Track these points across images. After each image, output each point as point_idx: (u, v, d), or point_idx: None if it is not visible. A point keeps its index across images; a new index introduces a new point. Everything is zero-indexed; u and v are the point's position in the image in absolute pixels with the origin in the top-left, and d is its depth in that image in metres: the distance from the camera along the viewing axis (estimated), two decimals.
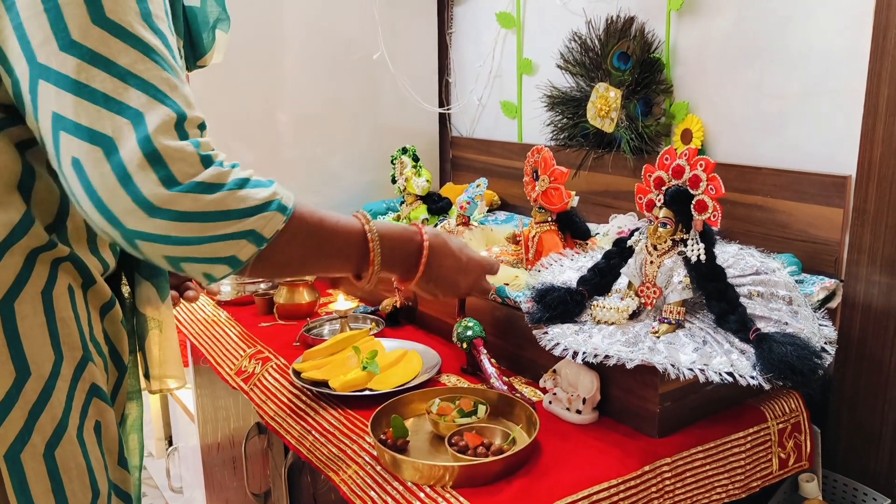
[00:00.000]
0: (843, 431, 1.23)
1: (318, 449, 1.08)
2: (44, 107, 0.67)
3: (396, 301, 1.51)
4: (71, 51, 0.66)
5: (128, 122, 0.66)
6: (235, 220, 0.71)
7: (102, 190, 0.66)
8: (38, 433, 0.74)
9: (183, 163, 0.68)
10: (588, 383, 1.05)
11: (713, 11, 1.41)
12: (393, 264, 0.92)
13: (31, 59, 0.66)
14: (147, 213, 0.67)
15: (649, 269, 1.10)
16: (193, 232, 0.69)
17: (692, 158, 1.04)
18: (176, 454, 2.36)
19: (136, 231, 0.68)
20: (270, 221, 0.73)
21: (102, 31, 0.66)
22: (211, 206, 0.69)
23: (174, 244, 0.69)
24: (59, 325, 0.76)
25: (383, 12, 1.99)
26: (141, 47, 0.68)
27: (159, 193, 0.66)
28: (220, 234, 0.70)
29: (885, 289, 1.15)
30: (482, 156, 2.07)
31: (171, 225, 0.67)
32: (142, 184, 0.66)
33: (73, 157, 0.66)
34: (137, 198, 0.66)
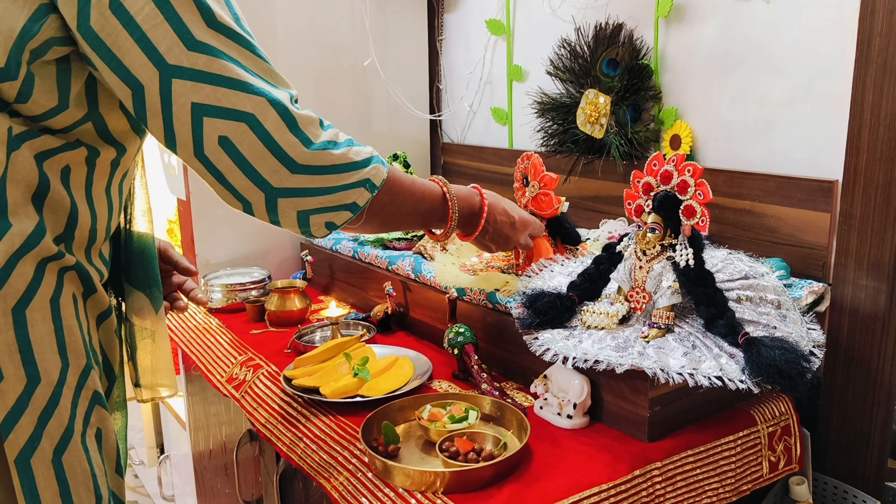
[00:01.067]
0: (833, 434, 1.24)
1: (310, 456, 1.08)
2: (180, 101, 0.76)
3: (388, 307, 1.51)
4: (198, 49, 0.75)
5: (262, 98, 0.79)
6: (356, 170, 0.85)
7: (252, 156, 0.78)
8: (47, 438, 0.76)
9: (312, 126, 0.82)
10: (578, 388, 1.06)
11: (700, 19, 1.42)
12: (462, 221, 1.10)
13: (160, 64, 0.75)
14: (290, 171, 0.80)
15: (638, 275, 1.11)
16: (329, 182, 0.83)
17: (680, 164, 1.05)
18: (167, 462, 2.35)
19: (281, 189, 0.80)
20: (379, 171, 0.89)
21: (217, 33, 0.77)
22: (340, 159, 0.83)
23: (311, 195, 0.82)
24: (65, 332, 0.78)
25: (374, 19, 1.99)
26: (248, 45, 0.80)
27: (301, 152, 0.80)
28: (346, 184, 0.84)
29: (872, 292, 1.16)
30: (473, 162, 2.07)
31: (309, 178, 0.81)
32: (287, 146, 0.79)
33: (221, 135, 0.77)
34: (284, 158, 0.79)
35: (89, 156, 0.82)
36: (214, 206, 1.83)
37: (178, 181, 1.84)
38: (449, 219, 1.05)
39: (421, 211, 1.02)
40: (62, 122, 0.77)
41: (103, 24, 0.73)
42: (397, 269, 1.53)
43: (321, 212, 0.84)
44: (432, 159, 2.23)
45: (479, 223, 1.12)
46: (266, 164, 0.79)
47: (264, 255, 1.91)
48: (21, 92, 0.74)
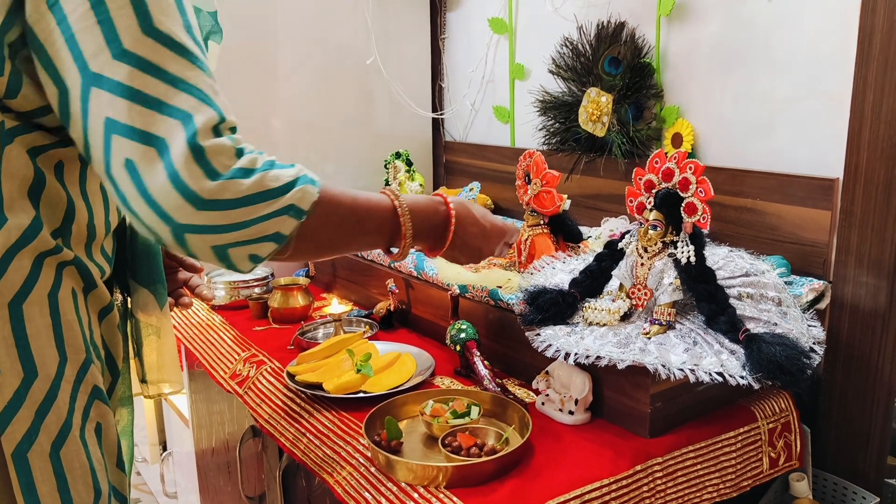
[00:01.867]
0: (833, 431, 1.25)
1: (313, 451, 1.09)
2: (95, 112, 0.70)
3: (390, 304, 1.52)
4: (124, 59, 0.69)
5: (178, 122, 0.70)
6: (275, 198, 0.75)
7: (154, 188, 0.70)
8: (45, 433, 0.76)
9: (222, 156, 0.72)
10: (580, 384, 1.06)
11: (702, 17, 1.43)
12: (423, 236, 0.96)
13: (83, 69, 0.69)
14: (195, 207, 0.70)
15: (640, 271, 1.12)
16: (240, 217, 0.73)
17: (682, 162, 1.06)
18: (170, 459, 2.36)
19: (186, 225, 0.71)
20: (306, 194, 0.77)
21: (153, 40, 0.70)
22: (251, 189, 0.73)
23: (222, 232, 0.73)
24: (63, 327, 0.78)
25: (376, 18, 2.00)
26: (187, 56, 0.72)
27: (205, 186, 0.70)
28: (263, 215, 0.74)
29: (872, 290, 1.17)
30: (475, 160, 2.08)
31: (218, 215, 0.72)
32: (189, 179, 0.70)
33: (127, 158, 0.70)
34: (186, 193, 0.70)
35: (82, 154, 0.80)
36: None
37: None
38: (402, 235, 0.91)
39: (367, 230, 0.89)
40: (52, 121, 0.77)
41: (38, 19, 0.71)
42: (400, 267, 1.54)
43: (239, 245, 0.74)
44: (434, 158, 2.23)
45: (448, 236, 0.97)
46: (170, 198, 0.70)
47: None
48: (9, 87, 0.74)
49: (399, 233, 0.91)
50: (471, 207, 1.03)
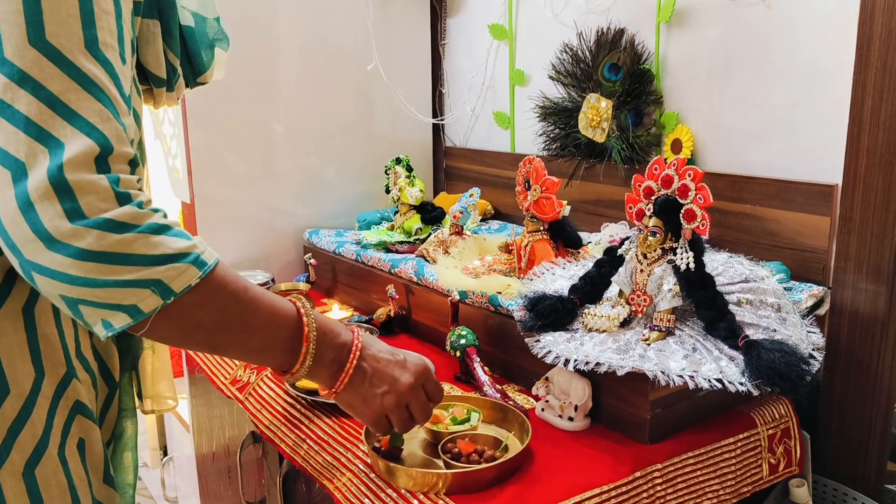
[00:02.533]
0: (833, 436, 1.25)
1: (313, 457, 1.09)
2: None
3: (390, 310, 1.52)
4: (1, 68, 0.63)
5: (45, 149, 0.62)
6: (142, 266, 0.65)
7: (4, 215, 0.63)
8: (18, 451, 0.73)
9: (94, 196, 0.63)
10: (580, 390, 1.07)
11: (701, 23, 1.43)
12: (325, 359, 0.82)
13: None
14: (45, 245, 0.62)
15: (639, 278, 1.12)
16: (91, 272, 0.63)
17: (681, 168, 1.06)
18: (171, 464, 2.36)
19: (32, 262, 0.63)
20: (182, 274, 0.67)
21: (38, 53, 0.63)
22: (116, 246, 0.63)
23: (70, 283, 0.63)
24: (40, 341, 0.75)
25: (377, 24, 2.01)
26: (76, 76, 0.65)
27: (60, 226, 0.62)
28: (120, 279, 0.64)
29: (872, 296, 1.17)
30: (475, 165, 2.08)
31: (68, 261, 0.62)
32: (43, 214, 0.62)
33: None
34: (37, 228, 0.62)
35: None
36: (218, 209, 1.85)
37: (183, 184, 1.85)
38: (303, 352, 0.79)
39: (254, 331, 0.76)
40: None
41: None
42: (400, 272, 1.54)
43: (90, 305, 0.64)
44: (435, 163, 2.24)
45: (349, 361, 0.83)
46: (17, 230, 0.62)
47: (268, 258, 1.92)
48: None
49: (299, 346, 0.79)
50: (381, 344, 0.89)
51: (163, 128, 1.95)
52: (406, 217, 1.75)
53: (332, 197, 2.01)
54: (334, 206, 2.01)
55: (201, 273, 0.68)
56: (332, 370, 0.83)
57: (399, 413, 0.88)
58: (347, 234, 1.89)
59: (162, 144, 1.97)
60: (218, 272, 0.71)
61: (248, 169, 1.87)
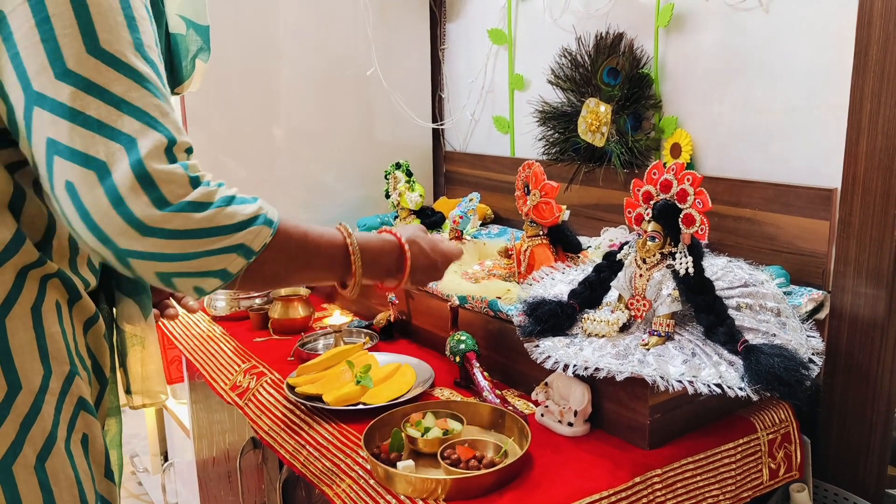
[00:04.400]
0: (833, 441, 1.25)
1: (312, 463, 1.09)
2: (38, 132, 0.69)
3: (390, 315, 1.52)
4: (66, 79, 0.68)
5: (120, 147, 0.69)
6: (225, 235, 0.74)
7: (95, 212, 0.69)
8: (30, 445, 0.76)
9: (173, 184, 0.71)
10: (579, 396, 1.06)
11: (700, 28, 1.44)
12: (375, 273, 0.96)
13: (26, 87, 0.69)
14: (139, 233, 0.69)
15: (639, 283, 1.12)
16: (185, 248, 0.71)
17: (679, 173, 1.06)
18: (171, 469, 2.36)
19: (128, 250, 0.70)
20: (258, 235, 0.76)
21: (97, 60, 0.69)
22: (202, 223, 0.72)
23: (166, 260, 0.71)
24: (47, 340, 0.78)
25: (376, 29, 2.01)
26: (134, 76, 0.71)
27: (151, 214, 0.69)
28: (211, 250, 0.73)
29: (871, 300, 1.17)
30: (475, 170, 2.09)
31: (162, 243, 0.70)
32: (134, 205, 0.69)
33: (67, 180, 0.69)
34: (130, 219, 0.69)
35: None
36: None
37: None
38: (352, 273, 0.91)
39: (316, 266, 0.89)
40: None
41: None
42: None
43: (184, 276, 0.73)
44: (435, 167, 2.24)
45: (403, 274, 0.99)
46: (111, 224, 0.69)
47: None
48: None
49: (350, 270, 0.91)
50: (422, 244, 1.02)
51: None
52: (406, 222, 1.75)
53: (332, 202, 2.01)
54: (334, 210, 2.02)
55: (272, 231, 0.79)
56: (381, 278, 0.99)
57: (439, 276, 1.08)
58: None
59: None
60: (282, 225, 0.81)
61: (249, 174, 1.88)
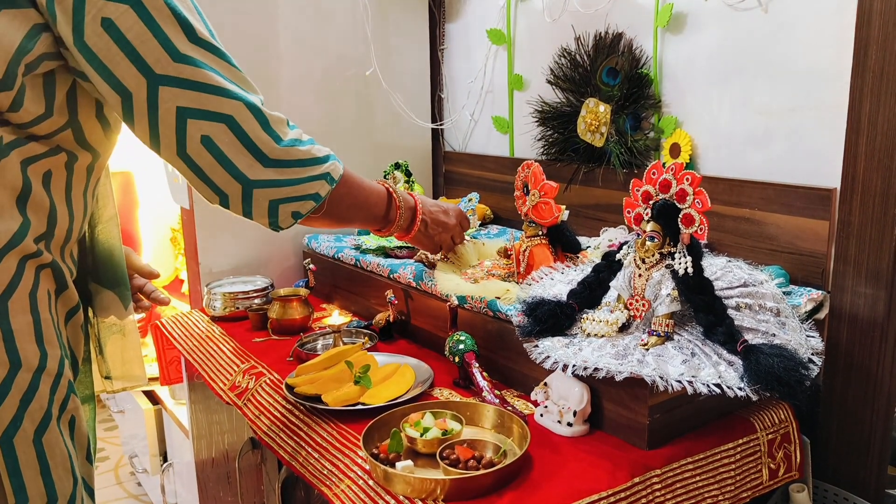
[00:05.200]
0: (833, 441, 1.24)
1: (312, 464, 1.09)
2: (165, 106, 0.85)
3: (389, 315, 1.52)
4: (183, 60, 0.85)
5: (239, 102, 0.89)
6: (318, 164, 0.98)
7: (231, 153, 0.89)
8: (29, 420, 0.82)
9: (281, 124, 0.95)
10: (578, 396, 1.06)
11: (699, 28, 1.44)
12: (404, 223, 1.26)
13: (148, 74, 0.84)
14: (263, 165, 0.92)
15: (638, 283, 1.12)
16: (295, 174, 0.95)
17: (679, 173, 1.06)
18: (171, 470, 2.35)
19: (256, 181, 0.92)
20: (335, 166, 1.01)
21: (198, 46, 0.87)
22: (304, 154, 0.96)
23: (281, 186, 0.93)
24: (42, 324, 0.85)
25: (375, 29, 2.01)
26: (223, 56, 0.90)
27: (273, 148, 0.92)
28: (310, 175, 0.97)
29: (871, 300, 1.17)
30: (475, 170, 2.08)
31: (280, 171, 0.93)
32: (260, 143, 0.91)
33: (203, 134, 0.87)
34: (258, 153, 0.91)
35: (69, 161, 0.89)
36: (218, 214, 1.84)
37: (182, 190, 1.85)
38: (396, 216, 1.21)
39: (371, 205, 1.16)
40: (46, 128, 0.85)
41: (96, 41, 0.81)
42: (399, 278, 1.54)
43: (289, 201, 0.95)
44: (434, 168, 2.24)
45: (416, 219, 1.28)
46: (243, 159, 0.90)
47: (267, 264, 1.92)
48: (14, 101, 0.81)
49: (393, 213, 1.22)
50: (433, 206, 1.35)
51: None
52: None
53: None
54: None
55: (342, 166, 1.04)
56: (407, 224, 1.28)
57: (447, 242, 1.41)
58: (346, 239, 1.89)
59: None
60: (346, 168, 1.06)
61: None
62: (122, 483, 2.89)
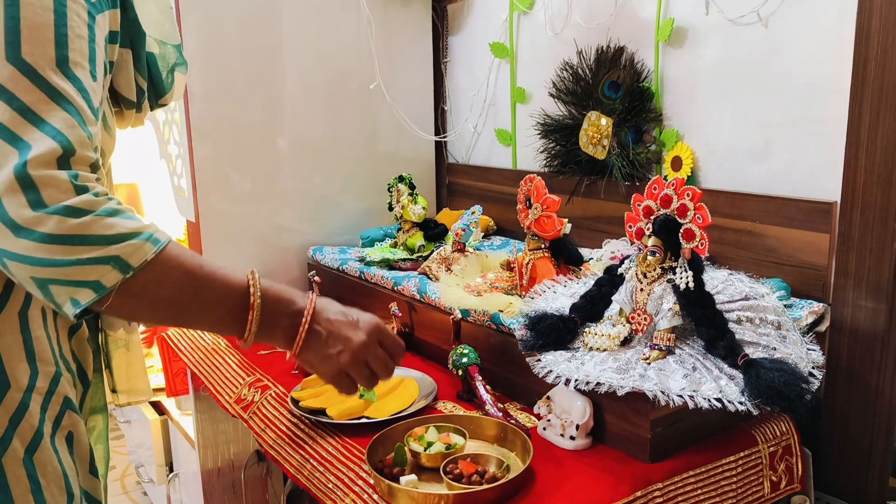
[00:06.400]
0: (835, 453, 1.25)
1: (317, 477, 1.10)
2: None
3: (393, 327, 1.53)
4: None
5: (14, 150, 0.71)
6: (100, 245, 0.73)
7: None
8: (18, 439, 0.81)
9: (54, 189, 0.71)
10: (581, 410, 1.07)
11: (700, 42, 1.45)
12: (274, 324, 0.88)
13: None
14: (13, 233, 0.70)
15: (640, 297, 1.13)
16: (57, 254, 0.71)
17: (679, 188, 1.07)
18: (177, 480, 2.36)
19: (3, 250, 0.71)
20: (138, 250, 0.75)
21: (14, 69, 0.72)
22: (76, 229, 0.72)
23: (38, 265, 0.71)
24: (34, 342, 0.84)
25: (379, 43, 2.03)
26: (46, 89, 0.73)
27: (24, 214, 0.70)
28: (84, 258, 0.72)
29: (871, 313, 1.18)
30: (478, 182, 2.10)
31: (35, 246, 0.71)
32: (8, 205, 0.70)
33: None
34: (4, 218, 0.70)
35: None
36: (223, 226, 1.87)
37: (188, 203, 1.87)
38: (249, 320, 0.85)
39: (209, 303, 0.83)
40: None
41: None
42: (403, 290, 1.55)
43: (58, 283, 0.73)
44: (438, 179, 2.25)
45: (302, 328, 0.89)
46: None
47: (272, 276, 1.91)
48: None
49: (245, 315, 0.85)
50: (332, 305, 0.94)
51: (168, 147, 1.97)
52: (409, 234, 1.76)
53: (335, 214, 2.03)
54: (338, 223, 2.03)
55: (156, 249, 0.76)
56: (288, 335, 0.89)
57: (358, 369, 0.95)
58: (351, 251, 1.91)
59: (167, 163, 1.99)
60: (172, 249, 0.78)
61: (253, 187, 1.89)
62: (128, 493, 2.91)
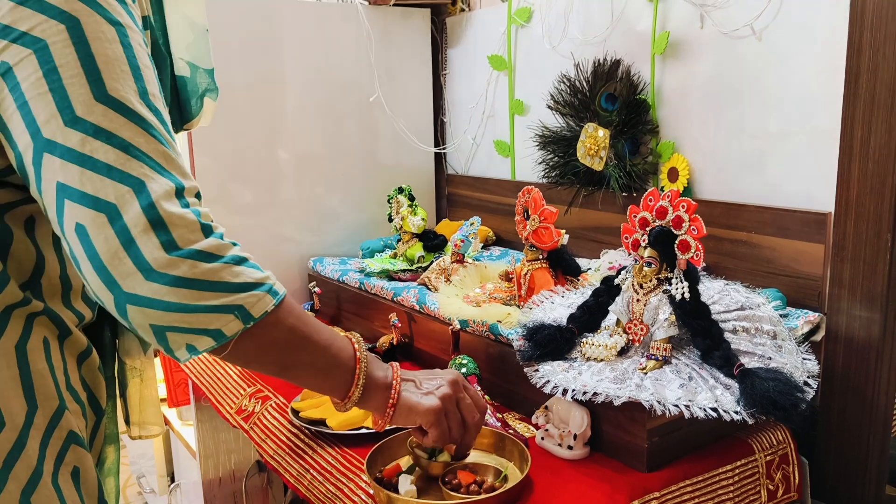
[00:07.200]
0: (831, 462, 1.26)
1: (317, 487, 1.11)
2: (48, 177, 0.70)
3: (393, 338, 1.54)
4: (75, 126, 0.70)
5: (130, 189, 0.70)
6: (227, 292, 0.73)
7: (105, 253, 0.69)
8: (14, 480, 0.76)
9: (185, 229, 0.71)
10: (578, 419, 1.08)
11: (695, 55, 1.47)
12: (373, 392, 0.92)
13: (35, 135, 0.70)
14: (145, 276, 0.69)
15: (636, 307, 1.14)
16: (185, 298, 0.70)
17: (675, 200, 1.08)
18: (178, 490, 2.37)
19: (131, 294, 0.70)
20: (260, 301, 0.75)
21: (105, 107, 0.71)
22: (207, 274, 0.72)
23: (165, 310, 0.70)
24: (33, 377, 0.78)
25: (379, 55, 2.05)
26: (140, 122, 0.72)
27: (159, 257, 0.69)
28: (210, 305, 0.72)
29: (866, 322, 1.19)
30: (477, 193, 2.11)
31: (165, 289, 0.70)
32: (144, 247, 0.69)
33: (77, 222, 0.70)
34: (138, 260, 0.69)
35: None
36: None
37: None
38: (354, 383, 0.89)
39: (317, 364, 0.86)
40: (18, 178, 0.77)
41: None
42: (402, 301, 1.57)
43: (178, 331, 0.72)
44: (437, 190, 2.27)
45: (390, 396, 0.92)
46: (118, 265, 0.70)
47: None
48: None
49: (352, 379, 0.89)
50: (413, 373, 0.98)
51: None
52: (408, 245, 1.78)
53: (336, 225, 2.04)
54: (338, 234, 2.05)
55: (275, 301, 0.77)
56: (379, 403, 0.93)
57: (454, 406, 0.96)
58: (351, 262, 1.92)
59: None
60: (287, 302, 0.80)
61: (254, 198, 1.91)
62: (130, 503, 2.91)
